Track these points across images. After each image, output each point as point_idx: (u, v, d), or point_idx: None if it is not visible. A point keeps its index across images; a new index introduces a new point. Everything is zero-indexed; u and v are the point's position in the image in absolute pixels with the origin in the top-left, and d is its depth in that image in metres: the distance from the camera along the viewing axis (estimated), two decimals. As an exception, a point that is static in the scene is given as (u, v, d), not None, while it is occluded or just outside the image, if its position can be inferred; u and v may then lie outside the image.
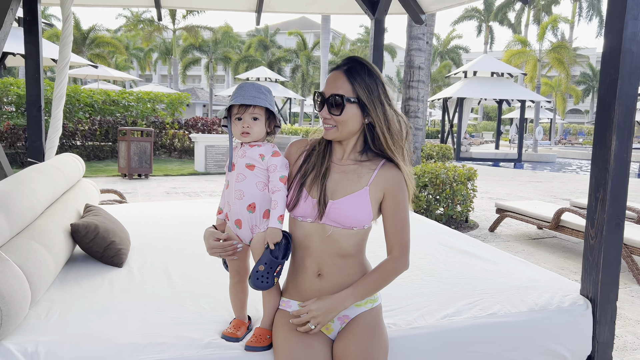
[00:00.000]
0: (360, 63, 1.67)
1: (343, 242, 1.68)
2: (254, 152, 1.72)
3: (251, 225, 1.73)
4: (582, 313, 2.11)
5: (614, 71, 2.01)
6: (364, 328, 1.65)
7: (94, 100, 13.46)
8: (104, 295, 2.13)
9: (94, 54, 30.34)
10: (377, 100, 1.64)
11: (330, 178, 1.70)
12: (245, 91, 1.68)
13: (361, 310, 1.72)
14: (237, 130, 1.71)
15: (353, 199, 1.66)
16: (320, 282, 1.70)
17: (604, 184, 2.06)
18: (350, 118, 1.65)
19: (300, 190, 1.69)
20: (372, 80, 1.64)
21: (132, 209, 4.00)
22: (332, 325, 1.71)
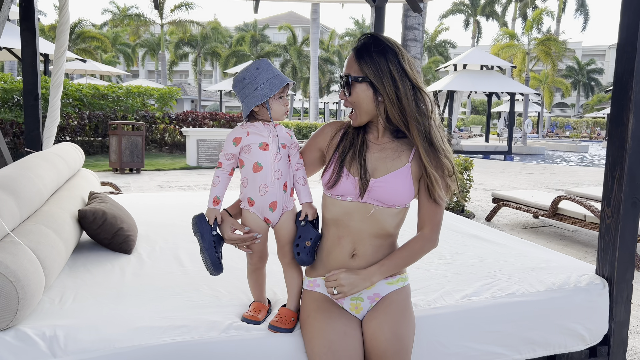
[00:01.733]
0: (374, 39, 1.62)
1: (384, 222, 1.65)
2: (282, 132, 1.71)
3: (283, 206, 1.72)
4: (599, 292, 2.10)
5: (630, 48, 2.00)
6: (396, 306, 1.64)
7: (82, 94, 13.26)
8: (116, 281, 2.08)
9: (80, 49, 29.92)
10: (387, 77, 1.57)
11: (369, 155, 1.67)
12: (275, 69, 1.66)
13: (392, 289, 1.70)
14: (282, 110, 1.69)
15: (396, 177, 1.63)
16: (354, 262, 1.67)
17: (620, 162, 2.05)
18: (363, 98, 1.61)
19: (340, 169, 1.65)
20: (382, 56, 1.58)
21: (132, 198, 3.95)
22: (361, 304, 1.68)
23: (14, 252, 1.65)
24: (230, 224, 1.70)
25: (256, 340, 1.66)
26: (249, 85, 1.63)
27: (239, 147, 1.67)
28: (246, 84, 1.64)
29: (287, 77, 1.66)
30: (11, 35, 9.82)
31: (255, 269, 1.80)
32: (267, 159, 1.66)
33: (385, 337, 1.55)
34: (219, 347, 1.62)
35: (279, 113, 1.67)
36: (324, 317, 1.63)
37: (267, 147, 1.66)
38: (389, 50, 1.60)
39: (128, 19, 31.30)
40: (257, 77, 1.63)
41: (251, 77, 1.63)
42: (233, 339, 1.65)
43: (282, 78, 1.64)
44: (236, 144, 1.67)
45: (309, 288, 1.75)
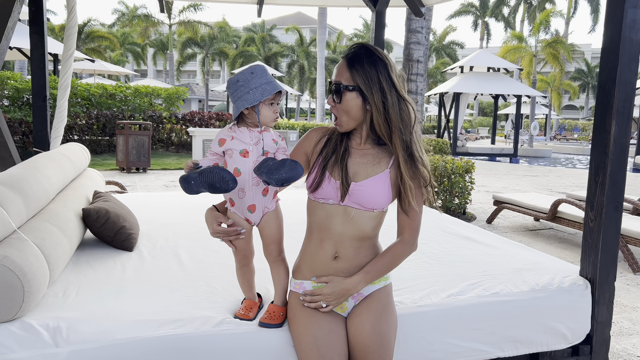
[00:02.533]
0: (365, 49, 1.68)
1: (363, 224, 1.73)
2: (268, 138, 1.74)
3: (263, 208, 1.78)
4: (581, 293, 2.18)
5: (614, 58, 2.07)
6: (377, 304, 1.73)
7: (91, 94, 13.44)
8: (117, 277, 2.18)
9: (89, 49, 30.22)
10: (377, 87, 1.63)
11: (351, 161, 1.75)
12: (269, 76, 1.70)
13: (374, 288, 1.79)
14: (271, 116, 1.72)
15: (375, 181, 1.71)
16: (337, 264, 1.75)
17: (603, 167, 2.13)
18: (351, 106, 1.67)
19: (322, 173, 1.73)
20: (373, 67, 1.64)
21: (136, 198, 4.05)
22: (346, 304, 1.77)
23: (21, 248, 1.75)
24: (215, 217, 1.77)
25: (247, 334, 1.75)
26: (241, 87, 1.67)
27: (222, 149, 1.72)
28: (239, 87, 1.68)
29: (280, 86, 1.71)
30: (21, 35, 9.99)
31: (241, 266, 1.88)
32: (245, 166, 1.70)
33: (367, 332, 1.64)
34: (212, 341, 1.71)
35: (267, 119, 1.71)
36: (310, 315, 1.72)
37: (247, 154, 1.70)
38: (379, 62, 1.65)
39: (137, 19, 31.59)
40: (251, 81, 1.67)
41: (245, 80, 1.68)
42: (225, 333, 1.74)
43: (275, 85, 1.69)
44: (220, 144, 1.72)
45: (295, 290, 1.83)
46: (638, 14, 2.04)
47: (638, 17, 2.04)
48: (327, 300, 1.70)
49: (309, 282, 1.79)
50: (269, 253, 1.84)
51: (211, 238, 2.81)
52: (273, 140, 1.74)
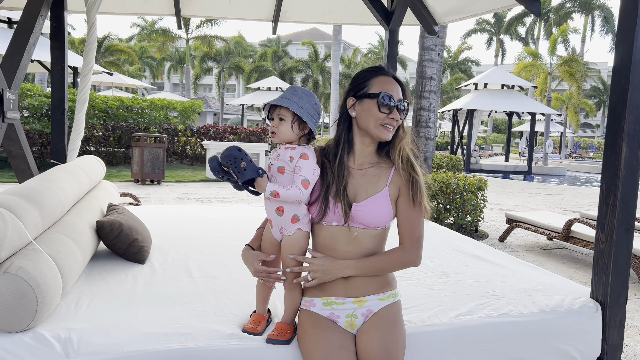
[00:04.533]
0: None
1: (367, 242, 1.77)
2: (285, 155, 1.75)
3: (280, 227, 1.81)
4: (592, 315, 2.16)
5: (624, 81, 2.08)
6: (387, 321, 1.74)
7: (108, 106, 13.67)
8: (128, 289, 2.21)
9: (108, 62, 30.80)
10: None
11: (350, 182, 1.79)
12: (284, 93, 1.76)
13: (384, 304, 1.80)
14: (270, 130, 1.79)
15: (375, 200, 1.75)
16: (346, 282, 1.78)
17: (614, 190, 2.12)
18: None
19: (326, 199, 1.76)
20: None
21: (150, 210, 4.11)
22: (356, 321, 1.78)
23: (35, 259, 1.79)
24: (256, 256, 1.82)
25: (256, 349, 1.76)
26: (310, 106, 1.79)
27: None
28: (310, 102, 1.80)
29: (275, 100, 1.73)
30: (42, 48, 10.23)
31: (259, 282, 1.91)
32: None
33: (375, 350, 1.65)
34: (220, 355, 1.73)
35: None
36: (321, 332, 1.73)
37: (269, 168, 1.79)
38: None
39: (155, 33, 32.14)
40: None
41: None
42: (234, 348, 1.75)
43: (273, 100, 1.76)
44: None
45: (305, 307, 1.84)
46: (649, 37, 2.05)
47: (649, 40, 2.05)
48: (314, 272, 1.72)
49: (319, 299, 1.81)
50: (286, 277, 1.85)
51: (222, 252, 2.85)
52: (290, 157, 1.74)
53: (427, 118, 8.44)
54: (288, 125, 1.75)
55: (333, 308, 1.79)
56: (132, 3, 4.52)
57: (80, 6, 4.13)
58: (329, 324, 1.77)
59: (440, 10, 4.59)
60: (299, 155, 1.73)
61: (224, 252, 2.84)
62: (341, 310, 1.79)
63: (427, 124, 8.46)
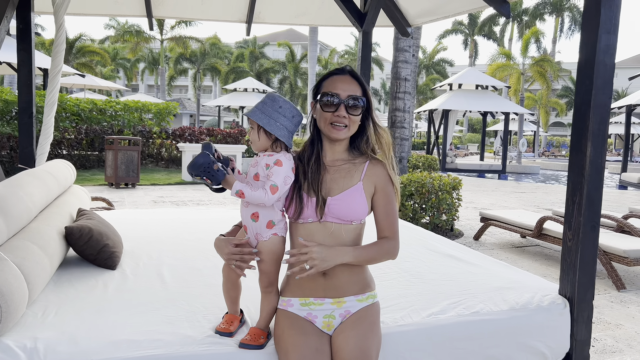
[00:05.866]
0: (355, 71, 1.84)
1: (344, 238, 1.77)
2: (262, 161, 1.77)
3: (255, 233, 1.81)
4: (560, 312, 2.20)
5: (588, 82, 2.13)
6: (364, 322, 1.75)
7: (80, 109, 13.41)
8: (98, 296, 2.17)
9: (80, 63, 30.22)
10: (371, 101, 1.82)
11: (324, 178, 1.80)
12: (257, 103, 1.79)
13: (362, 305, 1.81)
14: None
15: (349, 194, 1.76)
16: (325, 281, 1.78)
17: (580, 188, 2.17)
18: (359, 118, 1.79)
19: (300, 197, 1.77)
20: (367, 84, 1.84)
21: (123, 214, 4.04)
22: (333, 322, 1.78)
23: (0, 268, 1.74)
24: (228, 240, 1.80)
25: (228, 354, 1.75)
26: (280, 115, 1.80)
27: None
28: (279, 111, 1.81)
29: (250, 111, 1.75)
30: (10, 50, 9.99)
31: (226, 281, 1.89)
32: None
33: (350, 348, 1.65)
34: (192, 361, 1.71)
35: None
36: (298, 334, 1.72)
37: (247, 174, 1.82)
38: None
39: (128, 34, 31.65)
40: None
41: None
42: (206, 353, 1.73)
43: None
44: None
45: (282, 307, 1.84)
46: (611, 39, 2.10)
47: (611, 42, 2.10)
48: (312, 260, 1.66)
49: (297, 299, 1.80)
50: (260, 281, 1.85)
51: (196, 257, 2.82)
52: (266, 164, 1.75)
53: (402, 119, 8.50)
54: (255, 133, 1.77)
55: (311, 308, 1.79)
56: (102, 4, 4.45)
57: (47, 7, 4.04)
58: (306, 325, 1.76)
59: (413, 12, 4.63)
60: (273, 162, 1.74)
61: (198, 257, 2.82)
62: (319, 310, 1.78)
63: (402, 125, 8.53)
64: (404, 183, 6.53)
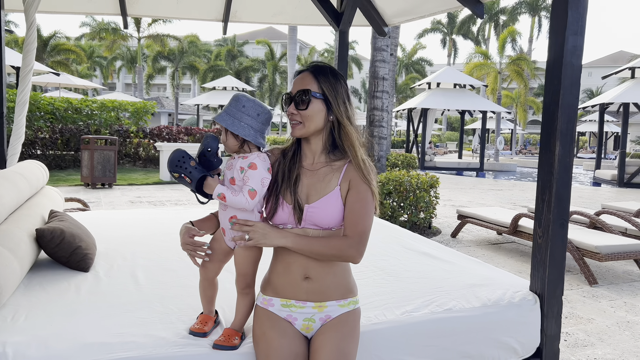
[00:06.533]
0: (326, 65, 1.77)
1: None
2: (237, 164, 1.75)
3: (232, 236, 1.78)
4: (530, 307, 2.25)
5: (556, 82, 2.17)
6: (345, 326, 1.73)
7: (55, 108, 13.18)
8: (70, 299, 2.14)
9: (55, 62, 29.66)
10: (341, 99, 1.73)
11: (302, 183, 1.77)
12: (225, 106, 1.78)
13: (344, 311, 1.78)
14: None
15: (327, 200, 1.72)
16: (308, 285, 1.75)
17: (549, 186, 2.22)
18: (316, 113, 1.71)
19: (277, 199, 1.75)
20: (337, 80, 1.74)
21: (97, 216, 3.99)
22: (313, 325, 1.76)
23: (-34, 272, 1.71)
24: (189, 230, 1.78)
25: (201, 356, 1.74)
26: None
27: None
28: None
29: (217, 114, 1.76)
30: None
31: (203, 279, 1.89)
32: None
33: (328, 349, 1.65)
34: (165, 363, 1.70)
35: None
36: (279, 336, 1.71)
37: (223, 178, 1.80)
38: (341, 79, 1.77)
39: (105, 31, 31.15)
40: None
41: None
42: (179, 355, 1.72)
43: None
44: None
45: (263, 306, 1.81)
46: (578, 40, 2.15)
47: (578, 44, 2.15)
48: (254, 232, 1.67)
49: (278, 300, 1.77)
50: (237, 282, 1.85)
51: (170, 258, 2.81)
52: (241, 167, 1.74)
53: (380, 117, 8.55)
54: (224, 135, 1.77)
55: (292, 310, 1.77)
56: (75, 2, 4.37)
57: (18, 5, 3.95)
58: (286, 326, 1.75)
59: (390, 11, 4.66)
60: (247, 166, 1.73)
61: (173, 258, 2.80)
62: (299, 313, 1.76)
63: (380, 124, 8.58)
64: (382, 182, 6.58)
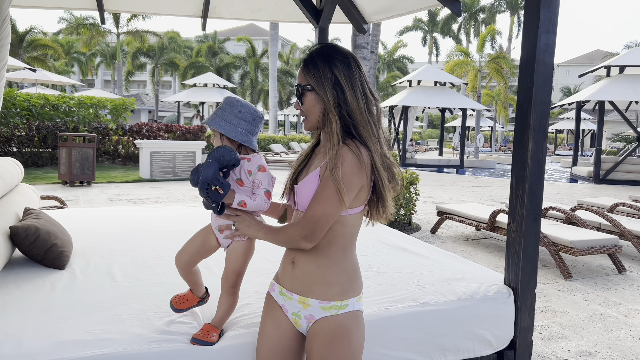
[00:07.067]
0: (322, 48, 1.62)
1: None
2: (243, 167, 1.73)
3: (218, 224, 1.79)
4: (505, 301, 2.29)
5: (529, 79, 2.21)
6: (324, 335, 1.59)
7: (31, 104, 12.93)
8: (45, 297, 2.12)
9: (32, 57, 29.07)
10: (328, 84, 1.56)
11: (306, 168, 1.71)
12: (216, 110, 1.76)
13: (324, 315, 1.61)
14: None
15: (307, 180, 1.61)
16: (293, 270, 1.65)
17: (522, 182, 2.26)
18: (312, 106, 1.61)
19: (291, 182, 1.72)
20: (326, 64, 1.57)
21: (75, 213, 3.94)
22: (299, 322, 1.67)
23: (-64, 270, 1.68)
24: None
25: (177, 352, 1.75)
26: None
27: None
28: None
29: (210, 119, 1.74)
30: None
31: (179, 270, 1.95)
32: None
33: None
34: (140, 359, 1.70)
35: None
36: (273, 326, 1.69)
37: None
38: (334, 57, 1.58)
39: (82, 27, 30.60)
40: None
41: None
42: (154, 351, 1.73)
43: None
44: None
45: (269, 290, 1.77)
46: (550, 38, 2.19)
47: (550, 42, 2.20)
48: (238, 223, 1.71)
49: (277, 285, 1.72)
50: (224, 280, 1.86)
51: (148, 255, 2.79)
52: (248, 170, 1.74)
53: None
54: (219, 140, 1.77)
55: (284, 300, 1.69)
56: (51, -4, 4.30)
57: (-9, -1, 3.87)
58: (281, 318, 1.70)
59: (369, 8, 4.68)
60: (257, 169, 1.73)
61: (150, 255, 2.78)
62: (289, 305, 1.67)
63: (361, 121, 8.59)
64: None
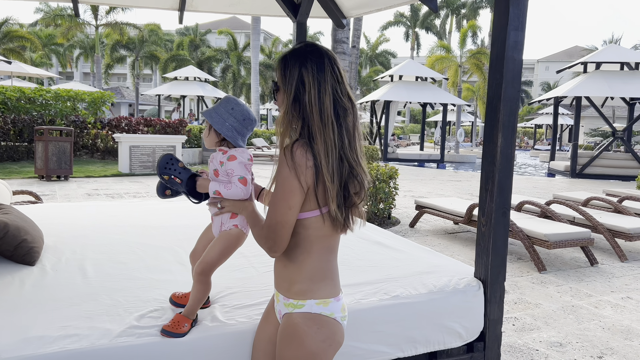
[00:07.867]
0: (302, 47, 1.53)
1: None
2: (217, 158, 1.86)
3: (220, 223, 1.90)
4: (474, 293, 2.33)
5: (499, 76, 2.25)
6: (281, 330, 1.58)
7: (7, 97, 12.67)
8: (14, 293, 2.10)
9: (8, 49, 28.45)
10: (291, 84, 1.48)
11: None
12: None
13: (287, 311, 1.57)
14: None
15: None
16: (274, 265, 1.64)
17: (492, 177, 2.30)
18: (280, 104, 1.55)
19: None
20: (297, 64, 1.48)
21: (49, 208, 3.89)
22: (277, 317, 1.66)
23: None
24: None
25: (147, 345, 1.75)
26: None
27: None
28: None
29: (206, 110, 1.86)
30: None
31: None
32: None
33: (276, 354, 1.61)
34: (108, 354, 1.69)
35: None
36: (264, 318, 1.75)
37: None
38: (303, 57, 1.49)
39: (60, 18, 30.01)
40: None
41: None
42: (123, 345, 1.72)
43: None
44: None
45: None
46: (519, 35, 2.23)
47: (519, 39, 2.23)
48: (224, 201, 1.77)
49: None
50: (197, 265, 1.90)
51: (121, 251, 2.77)
52: (220, 162, 1.84)
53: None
54: (207, 130, 1.89)
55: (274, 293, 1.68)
56: (23, -13, 4.21)
57: (-40, -11, 3.79)
58: (271, 310, 1.73)
59: (348, 3, 4.67)
60: (226, 158, 1.83)
61: (124, 250, 2.76)
62: (275, 298, 1.65)
63: (342, 115, 8.61)
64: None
